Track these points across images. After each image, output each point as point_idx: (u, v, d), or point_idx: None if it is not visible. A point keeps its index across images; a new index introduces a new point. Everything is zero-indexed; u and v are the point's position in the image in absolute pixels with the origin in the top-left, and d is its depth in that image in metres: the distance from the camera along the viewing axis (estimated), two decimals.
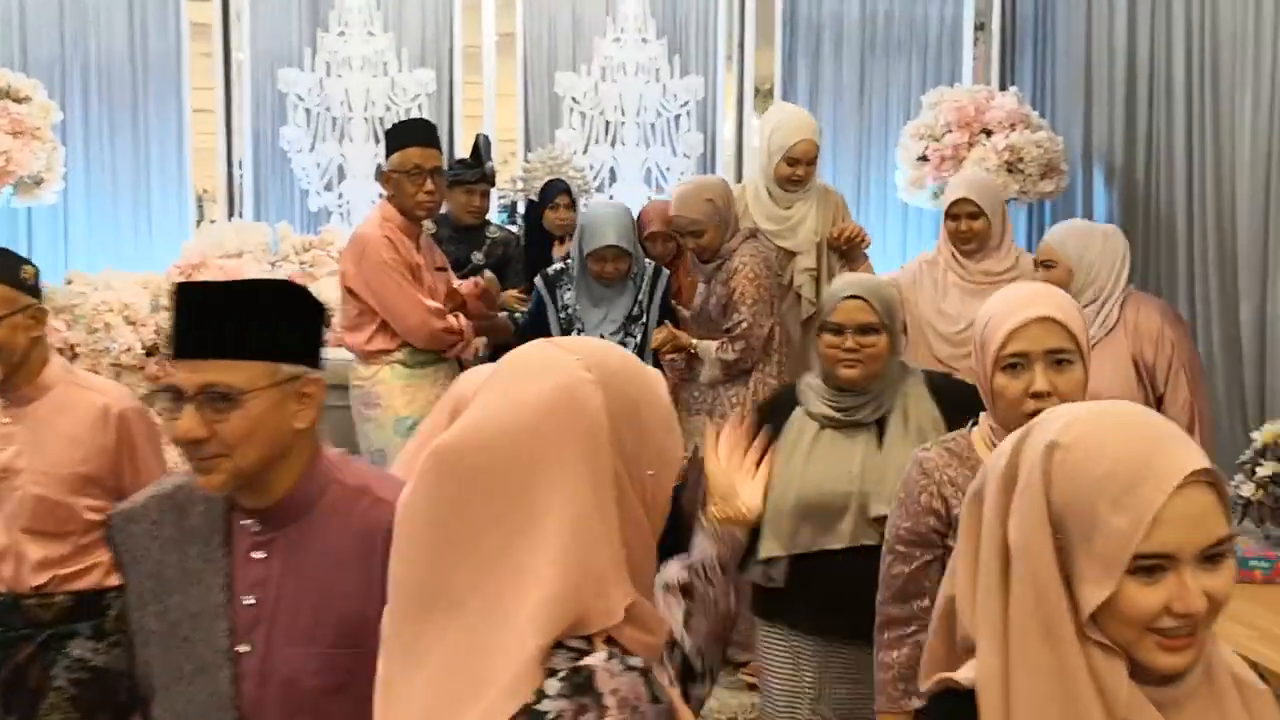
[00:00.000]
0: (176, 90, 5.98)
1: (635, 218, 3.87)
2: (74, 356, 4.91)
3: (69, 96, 5.78)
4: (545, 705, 1.02)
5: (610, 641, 1.10)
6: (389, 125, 5.92)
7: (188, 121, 6.01)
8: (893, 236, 6.22)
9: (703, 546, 1.59)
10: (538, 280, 3.75)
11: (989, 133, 5.28)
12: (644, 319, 3.68)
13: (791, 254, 3.86)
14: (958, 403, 2.39)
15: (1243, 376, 4.67)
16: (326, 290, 5.45)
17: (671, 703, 1.11)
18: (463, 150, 5.60)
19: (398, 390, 3.67)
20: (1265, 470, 4.18)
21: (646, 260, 3.74)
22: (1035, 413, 1.39)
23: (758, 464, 1.78)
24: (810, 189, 3.90)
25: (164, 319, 4.98)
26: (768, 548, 2.44)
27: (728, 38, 6.34)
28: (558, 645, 1.06)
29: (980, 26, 6.33)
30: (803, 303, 3.90)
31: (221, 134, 6.01)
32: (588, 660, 1.05)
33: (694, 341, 3.78)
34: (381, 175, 3.69)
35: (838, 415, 2.48)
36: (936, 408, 2.48)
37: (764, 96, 6.41)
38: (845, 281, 2.63)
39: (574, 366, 1.13)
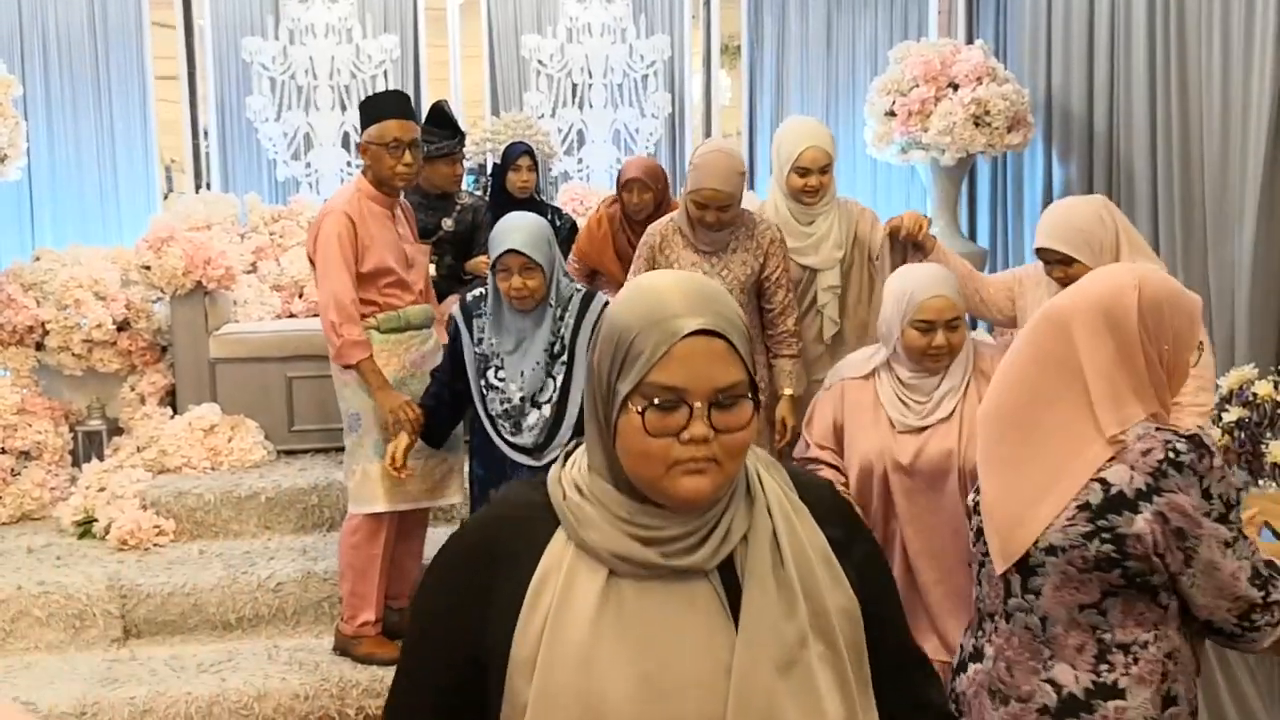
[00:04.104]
0: (139, 61, 5.93)
1: (552, 230, 3.35)
2: (45, 334, 4.89)
3: (29, 70, 5.71)
4: (1181, 457, 1.72)
5: None
6: (356, 93, 5.96)
7: (151, 92, 5.96)
8: (862, 193, 6.24)
9: None
10: (455, 309, 3.35)
11: (955, 86, 5.30)
12: (566, 356, 3.16)
13: (814, 271, 3.63)
14: (827, 517, 1.33)
15: (1210, 325, 4.70)
16: (296, 262, 5.47)
17: None
18: None
19: (374, 353, 3.69)
20: (1231, 416, 4.26)
21: (577, 286, 3.28)
22: None
23: None
24: (829, 202, 3.64)
25: (134, 293, 4.96)
26: None
27: None
28: (1159, 428, 1.77)
29: None
30: (825, 322, 3.67)
31: (186, 104, 5.97)
32: (1188, 430, 1.78)
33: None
34: (359, 147, 3.68)
35: (655, 557, 1.22)
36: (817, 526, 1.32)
37: (731, 54, 6.40)
38: (658, 293, 1.23)
39: (1126, 274, 1.83)
